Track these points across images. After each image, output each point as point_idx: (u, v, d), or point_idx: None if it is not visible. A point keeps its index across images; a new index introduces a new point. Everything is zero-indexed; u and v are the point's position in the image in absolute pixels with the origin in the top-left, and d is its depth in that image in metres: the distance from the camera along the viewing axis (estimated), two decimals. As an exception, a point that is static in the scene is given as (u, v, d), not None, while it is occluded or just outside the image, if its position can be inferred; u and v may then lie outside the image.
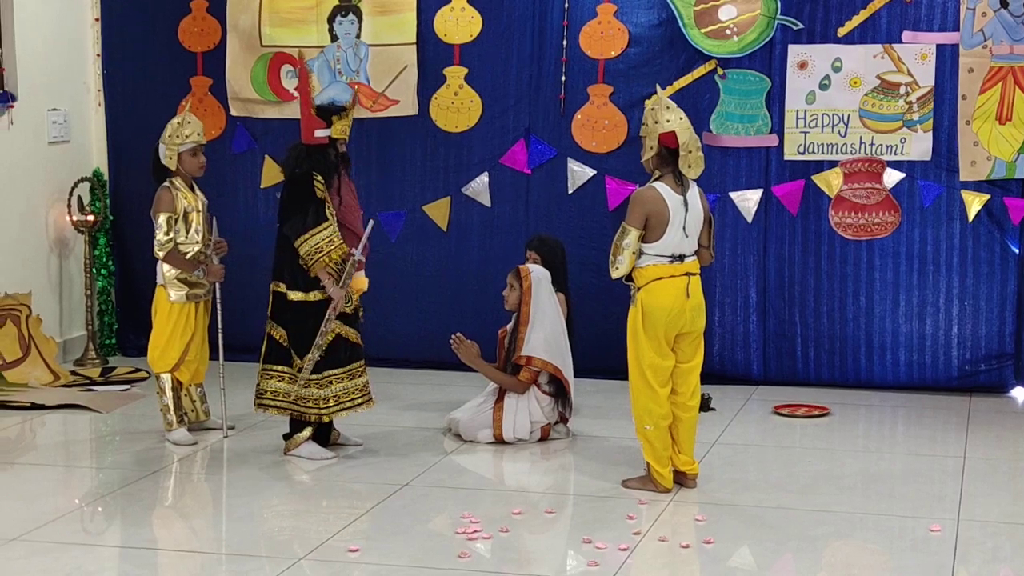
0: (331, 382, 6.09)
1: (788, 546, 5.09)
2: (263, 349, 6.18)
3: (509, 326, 6.55)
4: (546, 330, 6.41)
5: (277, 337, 6.13)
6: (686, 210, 5.49)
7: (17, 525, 5.24)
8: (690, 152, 5.46)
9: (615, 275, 5.55)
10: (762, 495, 5.67)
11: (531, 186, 7.78)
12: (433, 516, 5.42)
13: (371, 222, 6.24)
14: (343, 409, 6.13)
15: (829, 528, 5.28)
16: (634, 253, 5.49)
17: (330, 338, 6.05)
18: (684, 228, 5.50)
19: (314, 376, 6.06)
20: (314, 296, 6.04)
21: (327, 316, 6.01)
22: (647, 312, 5.51)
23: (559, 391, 6.47)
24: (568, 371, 6.46)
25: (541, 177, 7.75)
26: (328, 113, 6.04)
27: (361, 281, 6.28)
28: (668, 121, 5.45)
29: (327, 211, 5.97)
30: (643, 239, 5.49)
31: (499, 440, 6.39)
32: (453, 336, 6.55)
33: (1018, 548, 5.08)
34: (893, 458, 6.38)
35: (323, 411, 6.10)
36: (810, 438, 6.66)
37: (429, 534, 5.19)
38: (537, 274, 6.49)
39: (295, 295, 6.06)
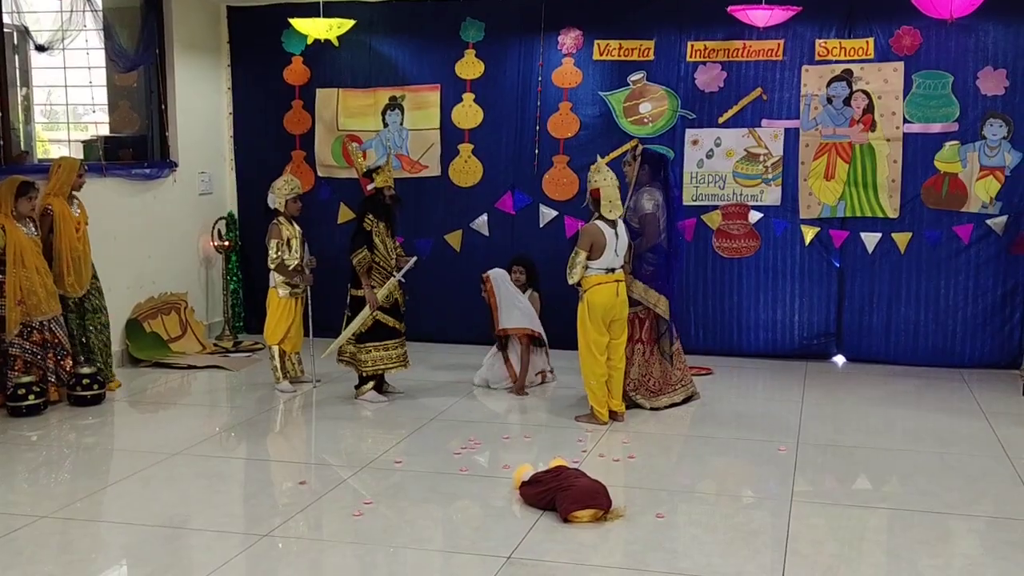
0: (370, 351, 6.09)
1: (684, 459, 5.15)
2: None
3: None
4: (519, 307, 6.32)
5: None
6: (616, 239, 5.53)
7: (178, 444, 5.31)
8: (610, 201, 5.49)
9: (571, 281, 5.58)
10: (665, 427, 5.70)
11: (515, 223, 7.75)
12: (451, 439, 5.44)
13: (414, 259, 6.20)
14: (379, 370, 6.10)
15: (710, 448, 5.33)
16: (583, 267, 5.54)
17: (370, 323, 6.05)
18: (616, 251, 5.54)
19: (359, 345, 6.08)
20: (360, 293, 6.07)
21: (366, 309, 6.03)
22: (591, 306, 5.55)
23: (542, 344, 6.45)
24: (541, 332, 6.40)
25: (522, 217, 7.73)
26: (370, 173, 6.08)
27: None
28: (595, 181, 5.51)
29: (374, 238, 6.00)
30: (589, 258, 5.52)
31: (515, 382, 6.35)
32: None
33: (840, 462, 5.10)
34: (754, 402, 6.36)
35: (364, 370, 6.12)
36: (699, 389, 6.69)
37: (448, 451, 5.21)
38: (495, 275, 6.40)
39: (353, 291, 6.13)
